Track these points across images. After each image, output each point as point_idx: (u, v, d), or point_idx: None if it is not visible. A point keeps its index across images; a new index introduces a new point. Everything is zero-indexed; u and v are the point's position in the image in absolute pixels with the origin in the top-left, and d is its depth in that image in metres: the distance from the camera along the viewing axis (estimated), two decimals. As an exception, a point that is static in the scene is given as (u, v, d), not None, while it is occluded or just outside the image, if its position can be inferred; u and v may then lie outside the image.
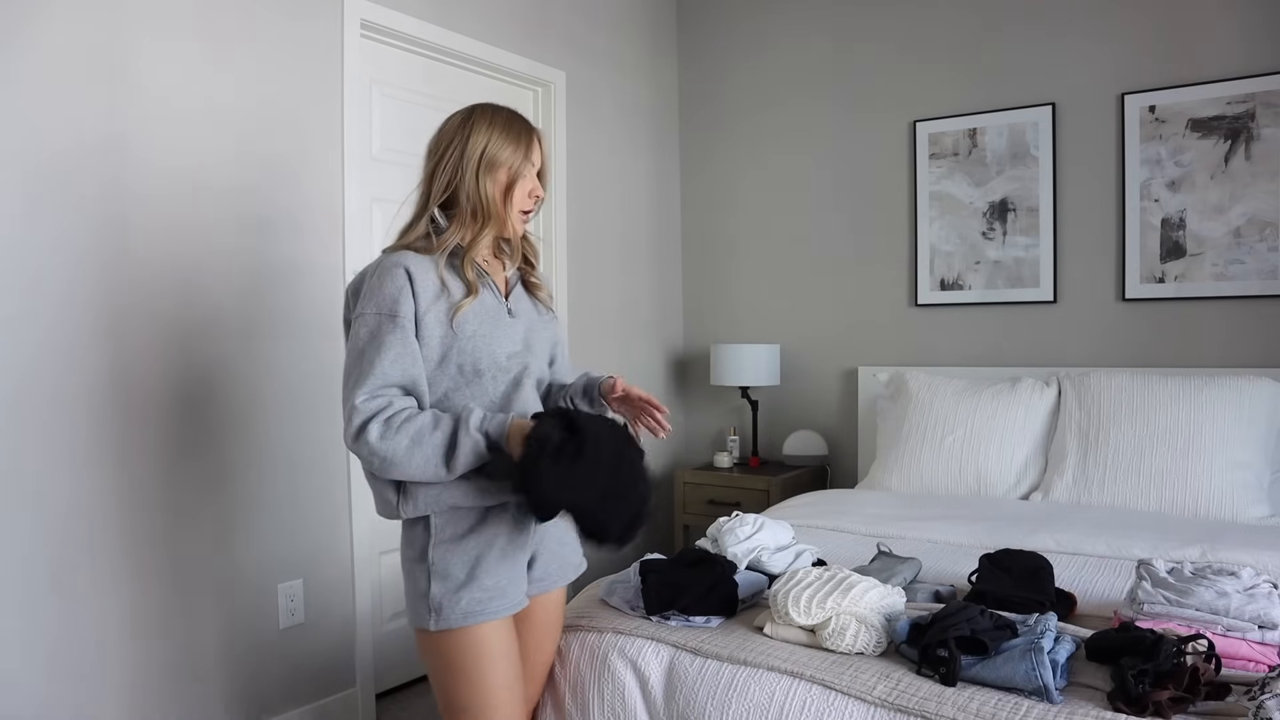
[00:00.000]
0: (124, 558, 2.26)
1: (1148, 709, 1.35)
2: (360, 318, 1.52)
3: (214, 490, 2.46)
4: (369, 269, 1.57)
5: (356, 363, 1.50)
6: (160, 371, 2.34)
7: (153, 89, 2.32)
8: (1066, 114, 3.37)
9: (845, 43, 3.83)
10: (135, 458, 2.28)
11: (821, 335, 3.92)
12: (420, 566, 1.55)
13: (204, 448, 2.43)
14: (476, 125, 1.59)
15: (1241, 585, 1.64)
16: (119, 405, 2.25)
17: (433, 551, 1.54)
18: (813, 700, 1.55)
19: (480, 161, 1.58)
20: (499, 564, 1.56)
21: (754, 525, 2.10)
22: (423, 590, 1.54)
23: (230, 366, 2.49)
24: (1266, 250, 3.03)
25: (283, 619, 2.61)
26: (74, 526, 2.16)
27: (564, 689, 1.80)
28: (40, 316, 2.11)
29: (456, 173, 1.58)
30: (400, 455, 1.45)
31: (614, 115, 3.91)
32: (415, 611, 1.56)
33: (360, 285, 1.57)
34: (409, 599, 1.58)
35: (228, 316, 2.49)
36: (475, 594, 1.52)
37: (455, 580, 1.53)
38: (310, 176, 2.70)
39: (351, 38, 2.81)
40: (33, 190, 2.09)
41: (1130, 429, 2.90)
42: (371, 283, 1.53)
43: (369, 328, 1.50)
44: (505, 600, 1.56)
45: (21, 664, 2.07)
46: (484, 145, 1.58)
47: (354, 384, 1.48)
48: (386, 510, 1.58)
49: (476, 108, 1.64)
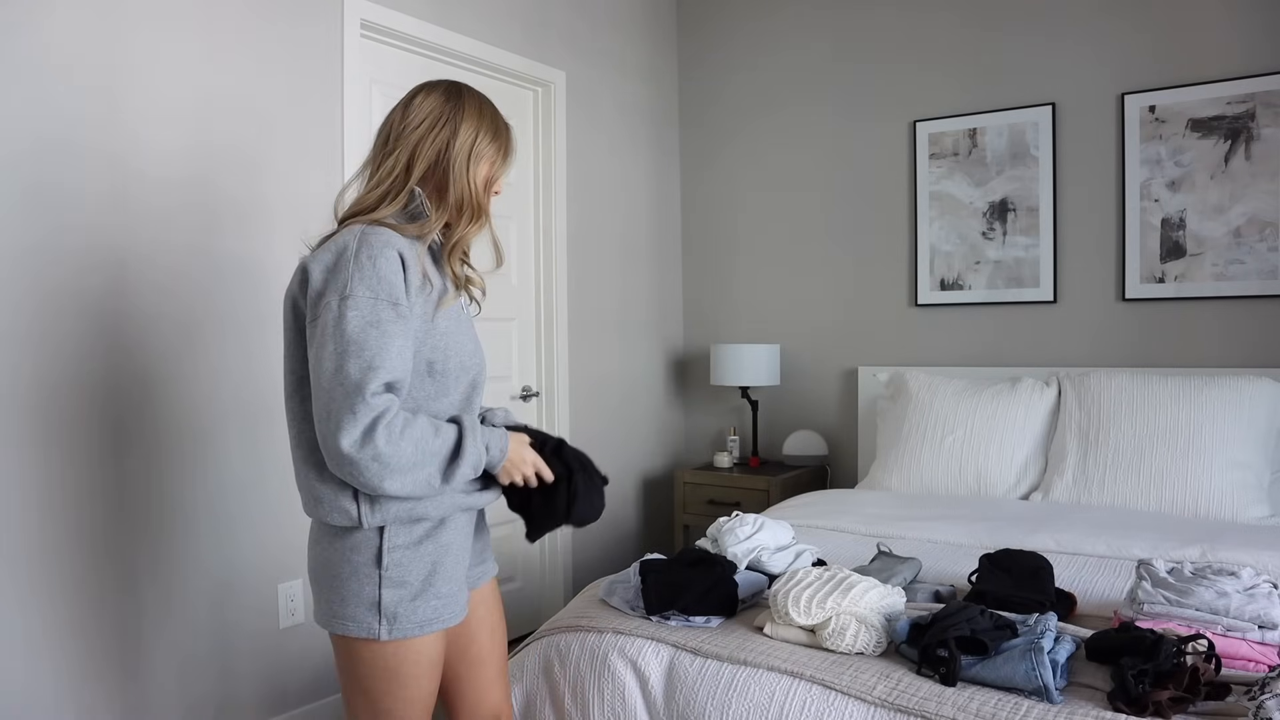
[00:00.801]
0: (123, 558, 2.26)
1: (1148, 709, 1.36)
2: (349, 299, 1.35)
3: (213, 490, 2.46)
4: (345, 242, 1.40)
5: (353, 351, 1.33)
6: (160, 371, 2.34)
7: (152, 89, 2.32)
8: (1066, 114, 3.37)
9: (845, 42, 3.83)
10: (133, 456, 2.28)
11: (821, 335, 3.93)
12: (369, 572, 1.42)
13: (204, 448, 2.43)
14: (467, 112, 1.51)
15: (1241, 585, 1.65)
16: (120, 403, 2.25)
17: (388, 557, 1.42)
18: (813, 700, 1.55)
19: (471, 152, 1.49)
20: (453, 570, 1.49)
21: (754, 525, 2.10)
22: (371, 598, 1.42)
23: (230, 366, 2.49)
24: (1266, 250, 3.03)
25: (283, 619, 2.62)
26: (71, 526, 2.16)
27: (564, 689, 1.80)
28: (49, 323, 2.11)
29: (441, 157, 1.48)
30: (404, 464, 1.34)
31: (614, 115, 3.91)
32: (356, 620, 1.42)
33: (335, 261, 1.39)
34: (344, 606, 1.43)
35: (228, 316, 2.49)
36: (432, 602, 1.45)
37: (412, 588, 1.43)
38: (310, 176, 2.70)
39: (351, 38, 2.81)
40: (34, 190, 2.09)
41: (1130, 429, 2.90)
42: (361, 261, 1.37)
43: (362, 312, 1.34)
44: (457, 606, 1.50)
45: (22, 664, 2.07)
46: (474, 136, 1.50)
47: (356, 375, 1.32)
48: (340, 518, 1.41)
49: (463, 91, 1.53)
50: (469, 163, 1.49)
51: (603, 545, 3.84)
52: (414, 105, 1.51)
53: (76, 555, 2.17)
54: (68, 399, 2.16)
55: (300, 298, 1.44)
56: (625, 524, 3.98)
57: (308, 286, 1.40)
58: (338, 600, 1.44)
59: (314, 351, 1.37)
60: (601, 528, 3.83)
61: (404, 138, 1.49)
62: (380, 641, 1.42)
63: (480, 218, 1.53)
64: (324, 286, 1.38)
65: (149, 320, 2.32)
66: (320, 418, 1.35)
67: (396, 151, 1.49)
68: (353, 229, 1.43)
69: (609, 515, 3.87)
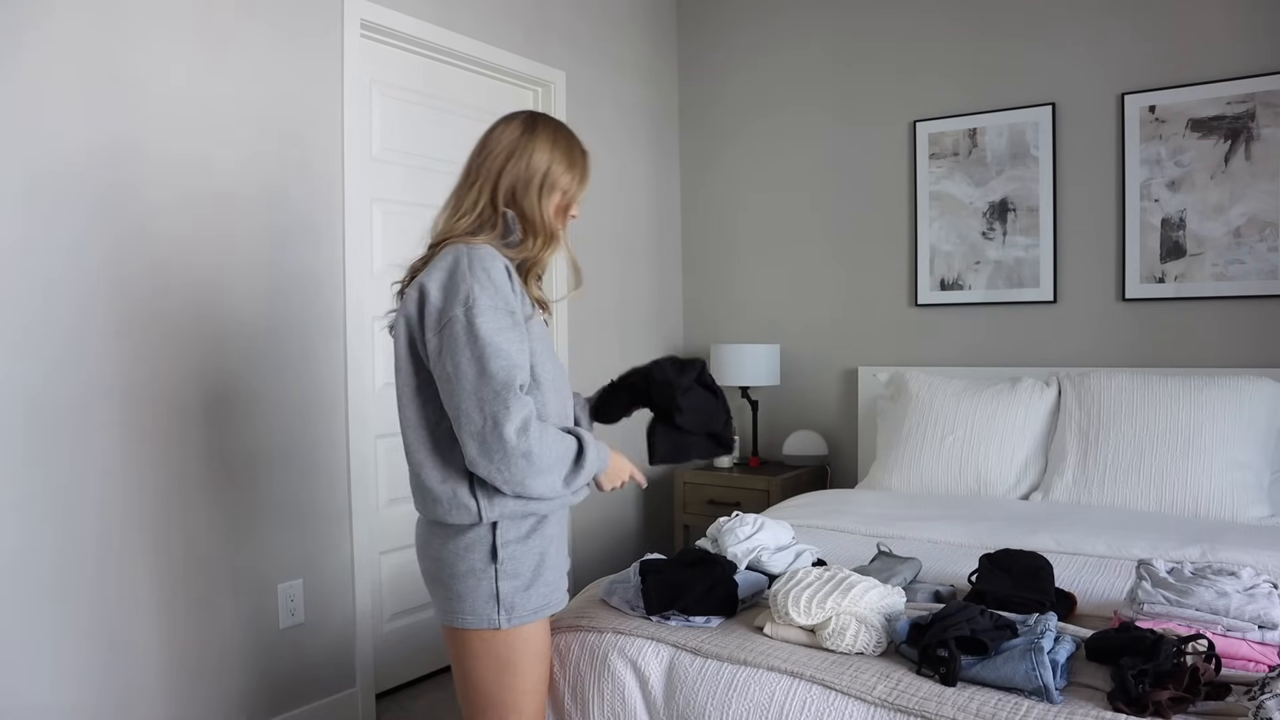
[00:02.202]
0: (123, 558, 2.26)
1: (1148, 709, 1.35)
2: (474, 308, 1.44)
3: (214, 491, 2.46)
4: (456, 258, 1.49)
5: (491, 353, 1.43)
6: (162, 373, 2.34)
7: (152, 89, 2.32)
8: (1066, 114, 3.37)
9: (845, 43, 3.83)
10: (136, 460, 2.28)
11: (821, 335, 3.92)
12: (486, 568, 1.54)
13: (204, 449, 2.43)
14: (540, 141, 1.61)
15: (1241, 585, 1.64)
16: (121, 408, 2.25)
17: (502, 551, 1.54)
18: (813, 700, 1.55)
19: (543, 181, 1.60)
20: (557, 560, 1.63)
21: (754, 525, 2.10)
22: (490, 591, 1.54)
23: (230, 367, 2.49)
24: (1266, 250, 3.03)
25: (283, 619, 2.62)
26: (72, 527, 2.16)
27: (564, 689, 1.80)
28: (59, 322, 2.11)
29: (519, 184, 1.59)
30: (546, 464, 1.47)
31: (614, 115, 3.91)
32: (477, 614, 1.54)
33: (449, 276, 1.48)
34: (465, 602, 1.54)
35: (229, 317, 2.49)
36: (542, 589, 1.58)
37: (524, 578, 1.56)
38: (310, 176, 2.70)
39: (351, 38, 2.81)
40: (40, 193, 2.09)
41: (1130, 429, 2.90)
42: (476, 272, 1.46)
43: (489, 319, 1.44)
44: (561, 593, 1.64)
45: (22, 663, 2.07)
46: (547, 165, 1.60)
47: (503, 374, 1.43)
48: (461, 515, 1.52)
49: (539, 121, 1.64)
50: (541, 191, 1.60)
51: (603, 545, 3.84)
52: (492, 138, 1.63)
53: (77, 555, 2.17)
54: (68, 397, 2.16)
55: (415, 316, 1.52)
56: (625, 524, 3.98)
57: (425, 304, 1.49)
58: (455, 597, 1.55)
59: (448, 361, 1.46)
60: (601, 527, 3.83)
61: (483, 169, 1.60)
62: (500, 630, 1.54)
63: (553, 242, 1.63)
64: (444, 301, 1.47)
65: (144, 318, 2.32)
66: (470, 420, 1.44)
67: (478, 183, 1.60)
68: (456, 247, 1.52)
69: (609, 515, 3.87)
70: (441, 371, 1.47)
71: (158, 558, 2.33)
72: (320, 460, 2.73)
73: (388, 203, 3.03)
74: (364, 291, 2.87)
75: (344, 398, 2.80)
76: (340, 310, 2.79)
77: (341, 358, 2.79)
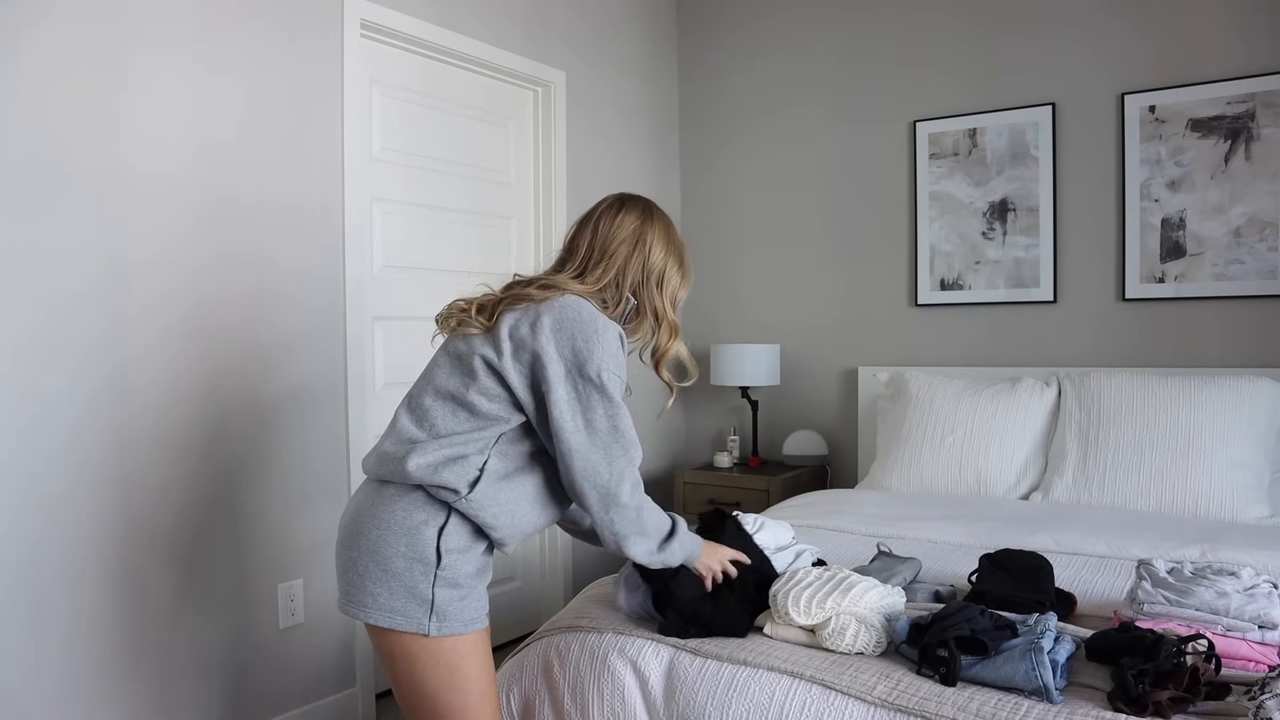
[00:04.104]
0: (123, 558, 2.26)
1: (1148, 709, 1.35)
2: (608, 373, 1.53)
3: (214, 491, 2.46)
4: (595, 320, 1.55)
5: (622, 415, 1.54)
6: (161, 375, 2.34)
7: (152, 89, 2.32)
8: (1066, 114, 3.37)
9: (845, 43, 3.83)
10: (134, 460, 2.28)
11: (821, 335, 3.92)
12: (421, 568, 1.49)
13: (203, 450, 2.43)
14: (657, 239, 1.69)
15: (1241, 585, 1.64)
16: (119, 408, 2.25)
17: (446, 557, 1.51)
18: (813, 700, 1.55)
19: (661, 279, 1.69)
20: (488, 575, 1.63)
21: (754, 525, 2.10)
22: (423, 595, 1.49)
23: (230, 368, 2.49)
24: (1266, 250, 3.03)
25: (283, 619, 2.61)
26: (73, 528, 2.16)
27: (563, 689, 1.80)
28: (54, 321, 2.11)
29: (640, 276, 1.67)
30: (648, 528, 1.57)
31: (614, 115, 3.91)
32: (403, 614, 1.49)
33: (589, 332, 1.54)
34: (391, 598, 1.50)
35: (228, 317, 2.49)
36: (476, 602, 1.57)
37: (464, 588, 1.54)
38: (310, 175, 2.70)
39: (351, 38, 2.81)
40: (35, 193, 2.09)
41: (1130, 429, 2.90)
42: (605, 341, 1.54)
43: (614, 386, 1.54)
44: (487, 607, 1.62)
45: (23, 663, 2.07)
46: (664, 265, 1.69)
47: (630, 436, 1.54)
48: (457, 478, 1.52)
49: (653, 213, 1.71)
50: (660, 287, 1.69)
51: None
52: (619, 220, 1.68)
53: (76, 556, 2.17)
54: (67, 402, 2.16)
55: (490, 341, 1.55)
56: (625, 524, 3.97)
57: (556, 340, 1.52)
58: (385, 591, 1.51)
59: (573, 406, 1.52)
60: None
61: (610, 250, 1.66)
62: (427, 637, 1.51)
63: (678, 334, 1.73)
64: (587, 353, 1.52)
65: (141, 317, 2.32)
66: (596, 472, 1.52)
67: (604, 262, 1.66)
68: (594, 310, 1.58)
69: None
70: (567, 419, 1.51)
71: (158, 557, 2.33)
72: (320, 460, 2.72)
73: (388, 202, 3.03)
74: (364, 291, 2.87)
75: (344, 398, 2.80)
76: (340, 310, 2.79)
77: (341, 358, 2.79)
